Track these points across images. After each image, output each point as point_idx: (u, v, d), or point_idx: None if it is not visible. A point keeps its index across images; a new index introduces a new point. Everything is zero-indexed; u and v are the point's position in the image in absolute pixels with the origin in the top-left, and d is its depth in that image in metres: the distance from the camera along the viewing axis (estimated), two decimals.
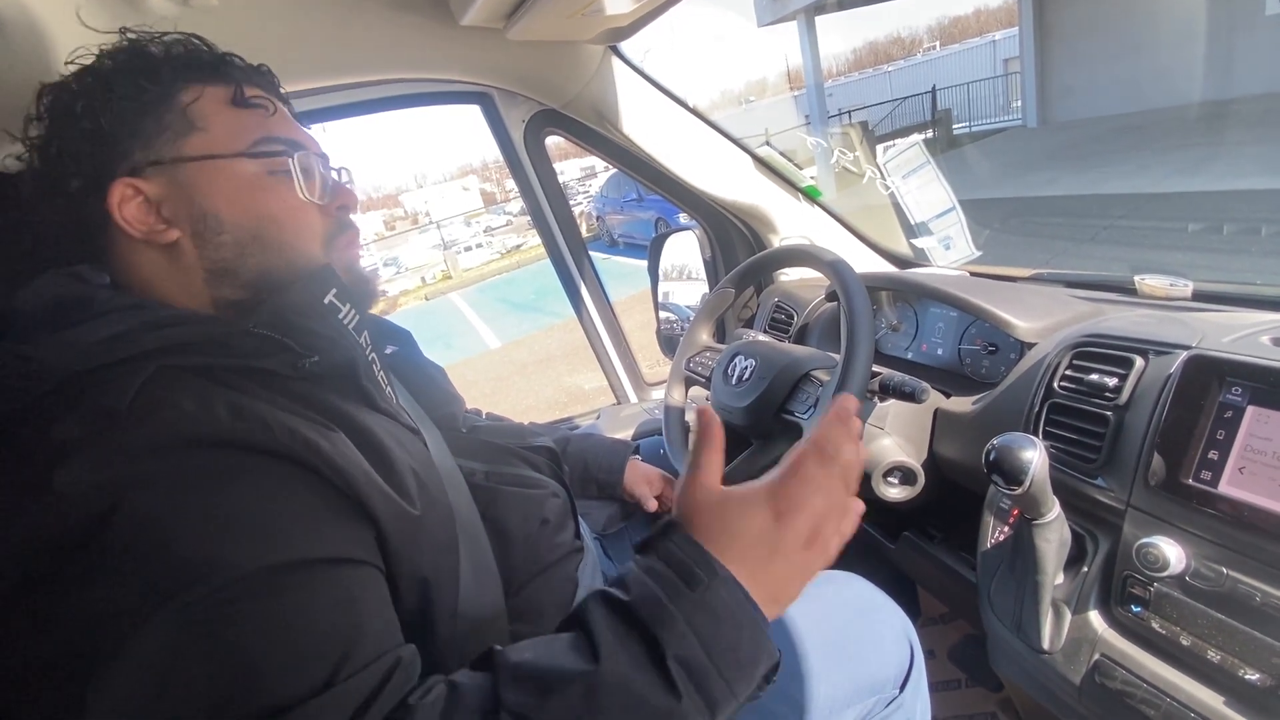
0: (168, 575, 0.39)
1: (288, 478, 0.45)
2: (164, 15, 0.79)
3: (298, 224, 0.59)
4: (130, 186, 0.54)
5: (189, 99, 0.56)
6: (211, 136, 0.56)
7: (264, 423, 0.46)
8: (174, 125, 0.55)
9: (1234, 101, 7.49)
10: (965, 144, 11.42)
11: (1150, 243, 4.75)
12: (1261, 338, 0.64)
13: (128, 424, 0.43)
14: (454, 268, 15.61)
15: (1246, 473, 0.56)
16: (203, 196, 0.55)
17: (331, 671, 0.40)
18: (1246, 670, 0.54)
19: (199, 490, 0.42)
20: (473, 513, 0.65)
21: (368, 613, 0.45)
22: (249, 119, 0.59)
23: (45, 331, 0.47)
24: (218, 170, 0.56)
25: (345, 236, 0.64)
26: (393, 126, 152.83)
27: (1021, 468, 0.59)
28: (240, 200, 0.56)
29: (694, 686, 0.41)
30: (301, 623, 0.41)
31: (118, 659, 0.37)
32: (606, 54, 1.16)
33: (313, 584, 0.43)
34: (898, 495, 0.93)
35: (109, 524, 0.39)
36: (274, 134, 0.59)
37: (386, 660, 0.43)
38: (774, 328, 1.33)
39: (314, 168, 0.61)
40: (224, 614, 0.39)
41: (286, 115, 0.63)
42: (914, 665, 0.77)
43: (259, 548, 0.42)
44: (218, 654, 0.39)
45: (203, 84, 0.57)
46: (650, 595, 0.43)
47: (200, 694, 0.38)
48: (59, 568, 0.39)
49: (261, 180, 0.58)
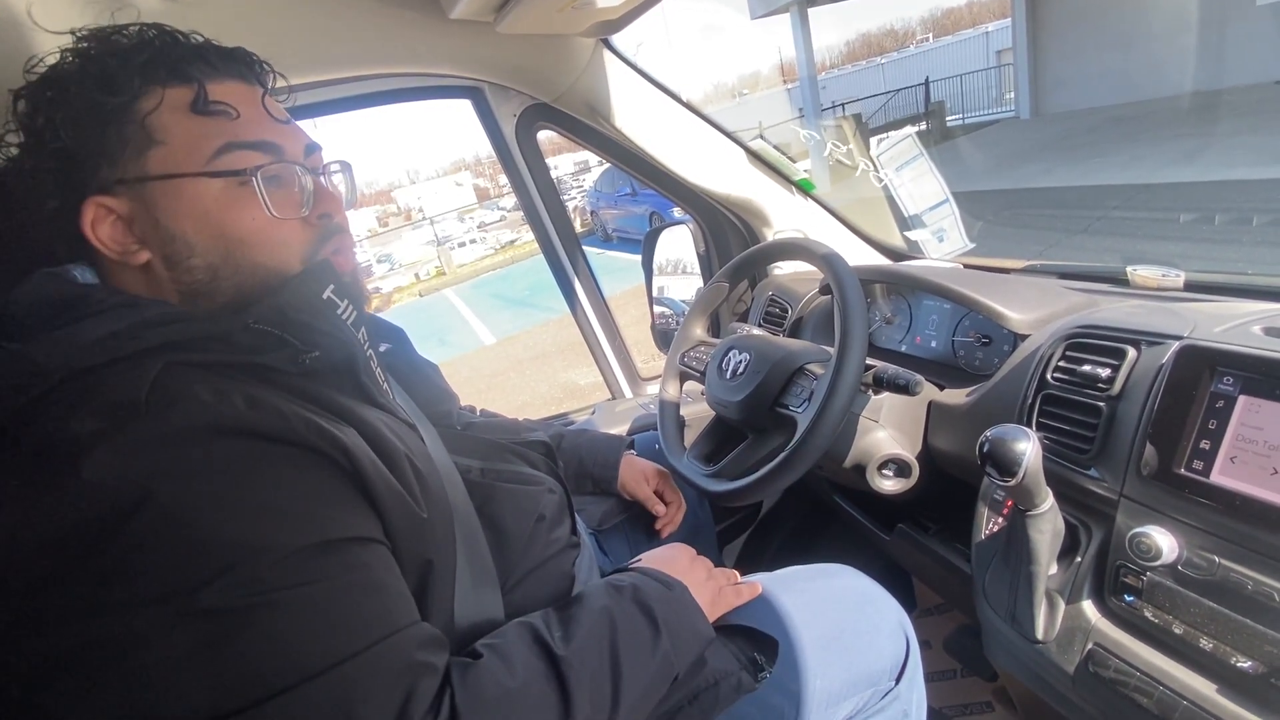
0: (206, 559, 0.41)
1: (307, 464, 0.47)
2: (150, 9, 0.78)
3: (272, 242, 0.55)
4: (101, 206, 0.52)
5: (149, 107, 0.52)
6: (171, 150, 0.52)
7: (279, 412, 0.47)
8: (134, 139, 0.52)
9: (1225, 92, 7.52)
10: (959, 136, 11.42)
11: (1143, 233, 4.77)
12: (1253, 327, 0.64)
13: (149, 415, 0.43)
14: (448, 264, 15.56)
15: (1238, 462, 0.56)
16: (168, 217, 0.52)
17: (375, 636, 0.44)
18: (1239, 658, 0.55)
19: (226, 478, 0.43)
20: (469, 509, 0.65)
21: (394, 587, 0.49)
22: (210, 127, 0.53)
23: (39, 331, 0.47)
24: (180, 189, 0.52)
25: (331, 245, 0.59)
26: (384, 122, 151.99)
27: (1015, 459, 0.59)
28: (206, 221, 0.53)
29: (671, 637, 0.60)
30: (338, 598, 0.44)
31: (165, 640, 0.39)
32: (598, 47, 1.16)
33: (345, 563, 0.46)
34: (892, 487, 0.93)
35: (140, 513, 0.40)
36: (240, 139, 0.54)
37: (422, 628, 0.49)
38: (768, 321, 1.33)
39: (288, 176, 0.56)
40: (267, 595, 0.41)
41: (259, 111, 0.57)
42: (910, 657, 0.77)
43: (291, 530, 0.44)
44: (264, 631, 0.41)
45: (163, 87, 0.53)
46: (647, 585, 0.64)
47: (250, 667, 0.40)
48: (92, 557, 0.40)
49: (228, 197, 0.53)
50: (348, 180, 0.66)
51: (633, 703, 0.55)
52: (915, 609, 1.40)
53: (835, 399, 0.78)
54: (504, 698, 0.49)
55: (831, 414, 0.78)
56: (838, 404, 0.78)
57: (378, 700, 0.43)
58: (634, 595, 0.62)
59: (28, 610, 0.40)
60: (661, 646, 0.59)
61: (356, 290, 0.59)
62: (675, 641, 0.60)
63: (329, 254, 0.59)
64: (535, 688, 0.50)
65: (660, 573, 0.67)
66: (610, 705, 0.53)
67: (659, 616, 0.60)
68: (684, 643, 0.62)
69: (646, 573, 0.67)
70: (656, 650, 0.59)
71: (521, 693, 0.50)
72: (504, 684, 0.49)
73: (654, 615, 0.60)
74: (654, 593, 0.63)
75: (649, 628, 0.59)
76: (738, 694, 0.64)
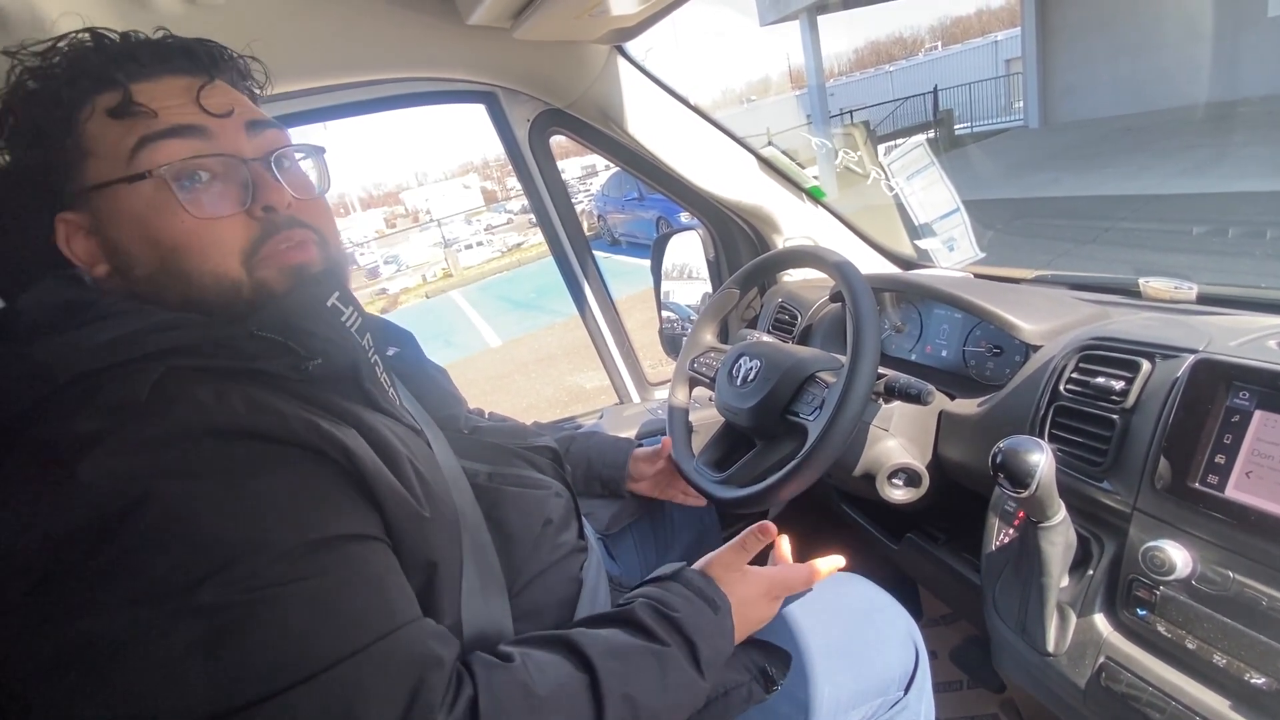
0: (206, 557, 0.41)
1: (307, 464, 0.47)
2: (170, 15, 0.80)
3: (203, 245, 0.51)
4: (64, 221, 0.52)
5: (84, 118, 0.51)
6: (99, 159, 0.51)
7: (280, 414, 0.47)
8: (72, 152, 0.51)
9: (1238, 103, 7.48)
10: (967, 144, 11.40)
11: (1154, 245, 4.74)
12: (1269, 342, 0.64)
13: (148, 416, 0.44)
14: (455, 266, 15.60)
15: (1253, 477, 0.56)
16: (110, 227, 0.52)
17: (376, 632, 0.44)
18: (1252, 674, 0.54)
19: (224, 478, 0.43)
20: (476, 513, 0.65)
21: (395, 584, 0.49)
22: (131, 128, 0.51)
23: (47, 334, 0.48)
24: (114, 198, 0.51)
25: (275, 240, 0.54)
26: (394, 124, 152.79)
27: (1028, 471, 0.59)
28: (139, 228, 0.51)
29: (710, 673, 0.58)
30: (339, 594, 0.44)
31: (164, 638, 0.39)
32: (612, 54, 1.16)
33: (345, 559, 0.46)
34: (902, 497, 0.93)
35: (139, 512, 0.40)
36: (154, 130, 0.51)
37: (424, 624, 0.48)
38: (777, 328, 1.33)
39: (221, 169, 0.53)
40: (266, 591, 0.41)
41: (188, 107, 0.53)
42: (919, 667, 0.77)
43: (290, 528, 0.44)
44: (264, 627, 0.41)
45: (94, 95, 0.51)
46: (694, 611, 0.61)
47: (251, 664, 0.40)
48: (90, 556, 0.40)
49: (155, 202, 0.51)
50: (317, 166, 0.62)
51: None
52: (922, 619, 1.39)
53: (847, 407, 0.78)
54: (530, 707, 0.48)
55: (843, 422, 0.78)
56: (849, 412, 0.78)
57: (382, 695, 0.42)
58: (680, 626, 0.59)
59: (29, 609, 0.40)
60: (700, 683, 0.57)
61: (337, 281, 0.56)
62: (712, 674, 0.59)
63: (275, 252, 0.54)
64: (567, 702, 0.49)
65: (708, 586, 0.64)
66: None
67: (702, 654, 0.58)
68: (717, 672, 0.60)
69: (692, 586, 0.64)
70: (694, 687, 0.57)
71: (550, 704, 0.49)
72: (533, 690, 0.48)
73: (697, 652, 0.58)
74: (700, 622, 0.60)
75: (691, 664, 0.57)
76: (747, 705, 0.64)
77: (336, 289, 0.55)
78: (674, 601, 0.61)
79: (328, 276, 0.56)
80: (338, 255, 0.60)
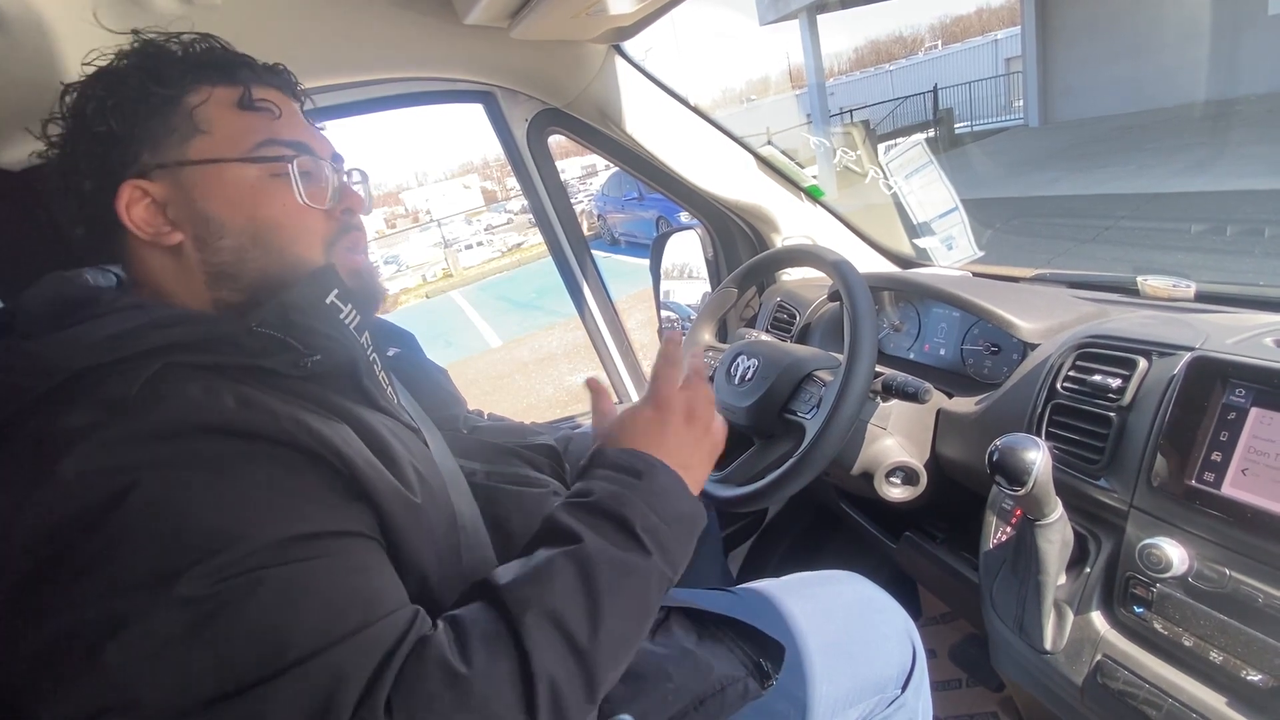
0: (188, 548, 0.41)
1: (295, 462, 0.47)
2: (169, 15, 0.80)
3: (297, 228, 0.59)
4: (137, 189, 0.55)
5: (196, 101, 0.56)
6: (214, 140, 0.56)
7: (271, 412, 0.47)
8: (180, 128, 0.56)
9: (1237, 101, 7.49)
10: (967, 143, 11.40)
11: (1153, 243, 4.74)
12: (1265, 339, 0.64)
13: (135, 412, 0.44)
14: (455, 266, 15.59)
15: (1249, 474, 0.56)
16: (204, 200, 0.56)
17: (357, 622, 0.43)
18: (1249, 671, 0.54)
19: (209, 472, 0.44)
20: (473, 512, 0.65)
21: (380, 577, 0.48)
22: (254, 122, 0.58)
23: (48, 330, 0.48)
24: (219, 174, 0.56)
25: (348, 239, 0.63)
26: (393, 124, 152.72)
27: (1025, 468, 0.59)
28: (240, 204, 0.57)
29: (658, 546, 0.52)
30: (320, 584, 0.44)
31: (145, 627, 0.39)
32: (610, 53, 1.16)
33: (327, 552, 0.45)
34: (900, 495, 0.93)
35: (123, 504, 0.41)
36: (278, 137, 0.59)
37: (406, 612, 0.47)
38: (776, 327, 1.33)
39: (319, 171, 0.61)
40: (246, 580, 0.41)
41: (296, 117, 0.63)
42: (916, 665, 0.77)
43: (273, 522, 0.44)
44: (244, 617, 0.41)
45: (211, 86, 0.57)
46: (610, 490, 0.54)
47: (233, 652, 0.40)
48: (73, 549, 0.40)
49: (262, 184, 0.57)
50: (365, 188, 0.69)
51: (621, 637, 0.49)
52: (920, 617, 1.39)
53: (844, 406, 0.78)
54: (454, 682, 0.43)
55: (840, 421, 0.78)
56: (847, 411, 0.78)
57: (362, 684, 0.42)
58: (599, 507, 0.53)
59: (16, 601, 0.40)
60: (649, 562, 0.51)
61: (365, 295, 0.62)
62: (661, 545, 0.52)
63: (346, 248, 0.62)
64: (490, 657, 0.44)
65: (627, 459, 0.57)
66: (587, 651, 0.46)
67: (636, 525, 0.52)
68: (674, 540, 0.54)
69: (613, 465, 0.57)
70: (643, 569, 0.51)
71: (473, 677, 0.43)
72: (454, 668, 0.43)
73: (631, 525, 0.51)
74: (626, 499, 0.53)
75: (629, 543, 0.51)
76: (744, 701, 0.64)
77: (335, 286, 0.55)
78: (587, 486, 0.56)
79: (326, 274, 0.56)
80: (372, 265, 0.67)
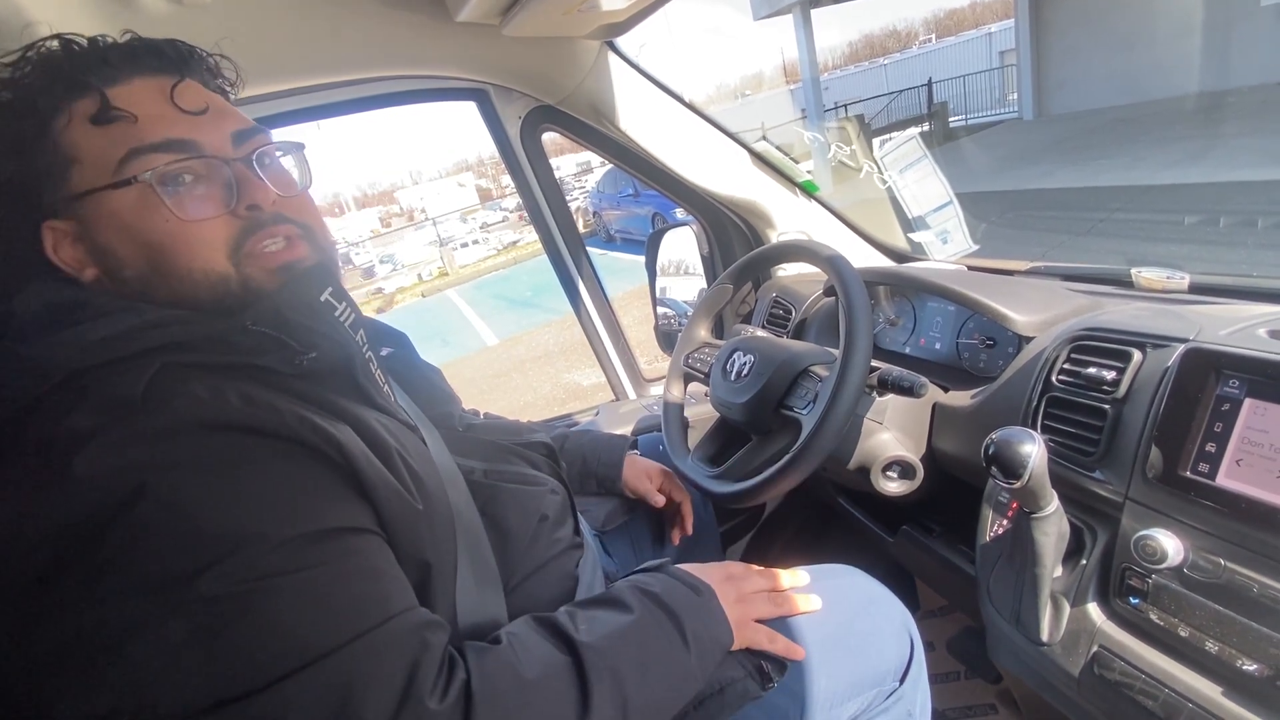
0: (202, 549, 0.41)
1: (301, 458, 0.48)
2: (157, 15, 0.79)
3: (190, 244, 0.52)
4: (51, 229, 0.52)
5: (60, 126, 0.51)
6: (84, 166, 0.51)
7: (274, 409, 0.47)
8: (56, 161, 0.51)
9: (1230, 93, 7.50)
10: (961, 137, 11.41)
11: (1147, 235, 4.75)
12: (1259, 330, 0.64)
13: (143, 411, 0.44)
14: (450, 264, 15.58)
15: (1244, 465, 0.56)
16: (96, 233, 0.52)
17: (377, 617, 0.45)
18: (1244, 661, 0.55)
19: (219, 471, 0.44)
20: (471, 510, 0.65)
21: (391, 573, 0.50)
22: (114, 135, 0.51)
23: (42, 333, 0.48)
24: (100, 203, 0.51)
25: (259, 236, 0.55)
26: (387, 123, 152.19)
27: (1020, 461, 0.59)
28: (127, 232, 0.52)
29: (697, 650, 0.59)
30: (337, 581, 0.45)
31: (164, 629, 0.40)
32: (602, 49, 1.16)
33: (340, 549, 0.46)
34: (896, 489, 0.93)
35: (136, 505, 0.41)
36: (142, 143, 0.51)
37: (419, 611, 0.49)
38: (772, 323, 1.33)
39: (205, 170, 0.53)
40: (262, 581, 0.42)
41: (166, 110, 0.53)
42: (914, 658, 0.77)
43: (285, 520, 0.44)
44: (263, 614, 0.41)
45: (70, 102, 0.51)
46: (676, 591, 0.63)
47: (249, 652, 0.41)
48: (85, 551, 0.40)
49: (141, 205, 0.51)
50: (298, 163, 0.62)
51: (651, 711, 0.55)
52: (918, 610, 1.40)
53: (840, 401, 0.78)
54: (520, 686, 0.49)
55: (836, 416, 0.78)
56: (843, 406, 0.78)
57: (378, 680, 0.43)
58: (662, 600, 0.61)
59: (27, 604, 0.40)
60: (688, 659, 0.58)
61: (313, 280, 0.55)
62: (700, 653, 0.59)
63: (262, 247, 0.55)
64: (554, 681, 0.51)
65: (689, 575, 0.66)
66: (627, 710, 0.52)
67: (687, 627, 0.59)
68: (708, 654, 0.61)
69: (674, 575, 0.66)
70: (682, 662, 0.58)
71: (539, 684, 0.50)
72: (521, 673, 0.50)
73: (682, 625, 0.59)
74: (682, 599, 0.62)
75: (676, 637, 0.58)
76: (743, 702, 0.64)
77: (329, 284, 0.55)
78: (653, 581, 0.64)
79: (319, 271, 0.56)
80: (327, 249, 0.60)
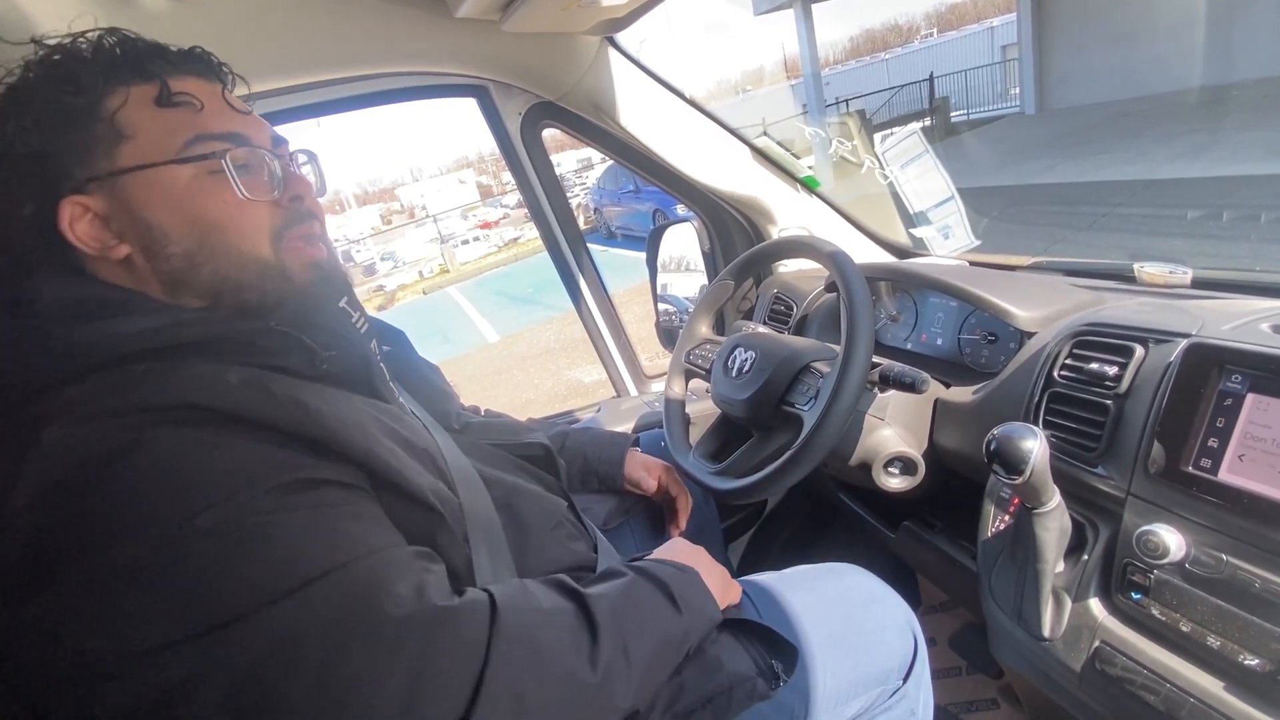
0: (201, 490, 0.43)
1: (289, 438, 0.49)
2: (156, 11, 0.79)
3: (242, 225, 0.56)
4: (77, 205, 0.53)
5: (115, 105, 0.53)
6: (140, 144, 0.54)
7: (268, 391, 0.49)
8: (104, 136, 0.53)
9: (1232, 86, 7.46)
10: (963, 132, 11.36)
11: (1149, 230, 4.73)
12: (1261, 325, 0.64)
13: (145, 383, 0.46)
14: (451, 261, 15.57)
15: (1246, 460, 0.56)
16: (143, 208, 0.54)
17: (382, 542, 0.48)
18: (1246, 656, 0.55)
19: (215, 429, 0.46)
20: (488, 503, 0.67)
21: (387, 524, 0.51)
22: (178, 119, 0.55)
23: (69, 323, 0.49)
24: (153, 179, 0.54)
25: (299, 229, 0.60)
26: (388, 120, 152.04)
27: (1022, 457, 0.59)
28: (180, 208, 0.54)
29: (688, 613, 0.62)
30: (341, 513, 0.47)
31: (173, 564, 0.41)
32: (603, 45, 1.16)
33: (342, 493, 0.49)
34: (898, 485, 0.93)
35: (129, 456, 0.42)
36: (208, 130, 0.56)
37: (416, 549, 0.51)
38: (773, 319, 1.33)
39: (257, 161, 0.58)
40: (264, 515, 0.44)
41: (223, 105, 0.59)
42: (917, 655, 0.77)
43: (282, 466, 0.46)
44: (258, 547, 0.43)
45: (127, 85, 0.54)
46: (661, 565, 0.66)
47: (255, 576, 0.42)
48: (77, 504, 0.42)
49: (199, 184, 0.55)
50: (315, 170, 0.67)
51: (648, 663, 0.56)
52: (920, 606, 1.40)
53: (841, 397, 0.78)
54: (537, 609, 0.52)
55: (838, 412, 0.78)
56: (844, 402, 0.78)
57: (398, 582, 0.46)
58: (649, 571, 0.64)
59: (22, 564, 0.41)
60: (678, 618, 0.61)
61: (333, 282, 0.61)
62: (690, 616, 0.62)
63: (299, 239, 0.59)
64: (565, 616, 0.53)
65: (672, 560, 0.69)
66: (628, 657, 0.54)
67: (675, 592, 0.62)
68: (696, 620, 0.63)
69: (659, 559, 0.69)
70: (673, 620, 0.60)
71: (553, 612, 0.53)
72: (538, 603, 0.53)
73: (670, 591, 0.62)
74: (669, 573, 0.65)
75: (666, 600, 0.61)
76: (751, 701, 0.64)
77: (345, 293, 0.59)
78: (640, 561, 0.68)
79: (336, 278, 0.59)
80: (334, 253, 0.64)
